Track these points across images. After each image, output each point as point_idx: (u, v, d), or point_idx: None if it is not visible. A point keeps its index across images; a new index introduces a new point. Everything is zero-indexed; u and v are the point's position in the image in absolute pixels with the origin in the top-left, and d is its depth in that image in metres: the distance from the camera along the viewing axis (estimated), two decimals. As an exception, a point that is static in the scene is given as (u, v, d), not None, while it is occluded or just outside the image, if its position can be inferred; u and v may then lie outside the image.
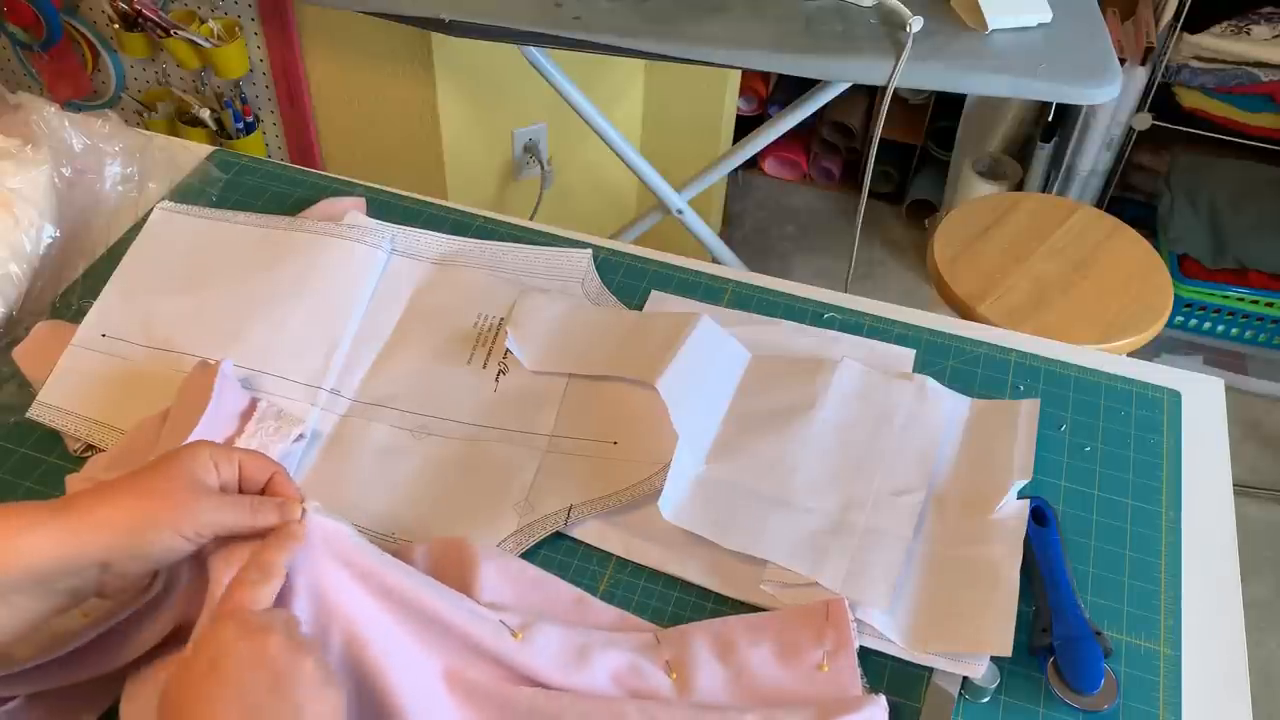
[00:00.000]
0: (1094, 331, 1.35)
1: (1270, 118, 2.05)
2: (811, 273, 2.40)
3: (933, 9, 1.36)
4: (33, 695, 0.63)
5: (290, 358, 0.83)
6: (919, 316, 0.91)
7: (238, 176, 1.03)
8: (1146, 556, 0.74)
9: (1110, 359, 0.88)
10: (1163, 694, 0.66)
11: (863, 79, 1.34)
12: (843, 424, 0.79)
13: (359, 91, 1.87)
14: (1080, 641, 0.66)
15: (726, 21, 1.36)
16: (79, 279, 0.93)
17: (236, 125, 1.91)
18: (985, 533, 0.73)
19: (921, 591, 0.70)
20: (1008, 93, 1.33)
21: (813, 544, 0.71)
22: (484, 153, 1.95)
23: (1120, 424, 0.82)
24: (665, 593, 0.72)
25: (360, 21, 1.69)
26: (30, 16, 1.83)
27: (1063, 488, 0.78)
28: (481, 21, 1.35)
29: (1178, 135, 2.12)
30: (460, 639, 0.62)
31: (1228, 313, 2.11)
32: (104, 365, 0.84)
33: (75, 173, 0.95)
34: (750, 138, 1.77)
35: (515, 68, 1.65)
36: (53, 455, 0.79)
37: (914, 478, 0.76)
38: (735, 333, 0.86)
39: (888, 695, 0.65)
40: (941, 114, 2.41)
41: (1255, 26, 2.00)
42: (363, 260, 0.90)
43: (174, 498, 0.57)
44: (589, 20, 1.34)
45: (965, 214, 1.53)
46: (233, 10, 1.78)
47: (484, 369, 0.85)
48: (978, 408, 0.82)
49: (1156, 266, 1.45)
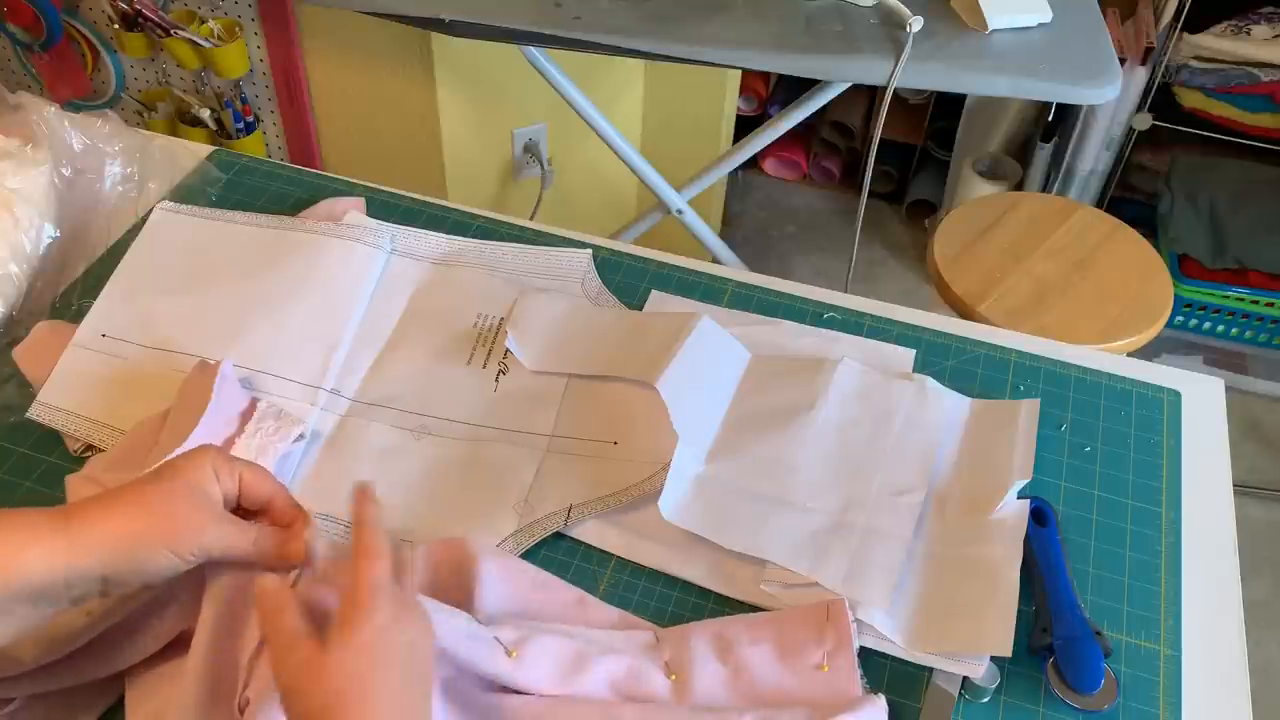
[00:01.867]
0: (1094, 331, 1.35)
1: (1270, 118, 2.05)
2: (811, 273, 2.39)
3: (933, 9, 1.36)
4: (33, 696, 0.63)
5: (290, 358, 0.83)
6: (919, 316, 0.91)
7: (238, 176, 1.03)
8: (1146, 556, 0.74)
9: (1110, 359, 0.88)
10: (1163, 694, 0.66)
11: (863, 79, 1.34)
12: (843, 424, 0.79)
13: (359, 91, 1.87)
14: (1080, 641, 0.66)
15: (726, 21, 1.36)
16: (79, 279, 0.93)
17: (236, 125, 1.91)
18: (985, 533, 0.73)
19: (921, 591, 0.70)
20: (1008, 93, 1.33)
21: (813, 544, 0.71)
22: (484, 153, 1.95)
23: (1120, 424, 0.82)
24: (665, 593, 0.72)
25: (360, 21, 1.69)
26: (30, 16, 1.83)
27: (1063, 488, 0.78)
28: (481, 21, 1.35)
29: (1178, 135, 2.12)
30: (454, 661, 0.62)
31: (1228, 313, 2.11)
32: (104, 365, 0.84)
33: (75, 173, 0.95)
34: (750, 138, 1.77)
35: (515, 68, 1.65)
36: (53, 455, 0.79)
37: (914, 478, 0.76)
38: (735, 333, 0.86)
39: (887, 695, 0.65)
40: (941, 114, 2.41)
41: (1255, 26, 2.00)
42: (363, 260, 0.90)
43: (176, 517, 0.57)
44: (589, 20, 1.34)
45: (965, 214, 1.53)
46: (233, 10, 1.78)
47: (484, 369, 0.85)
48: (978, 408, 0.82)
49: (1156, 266, 1.45)
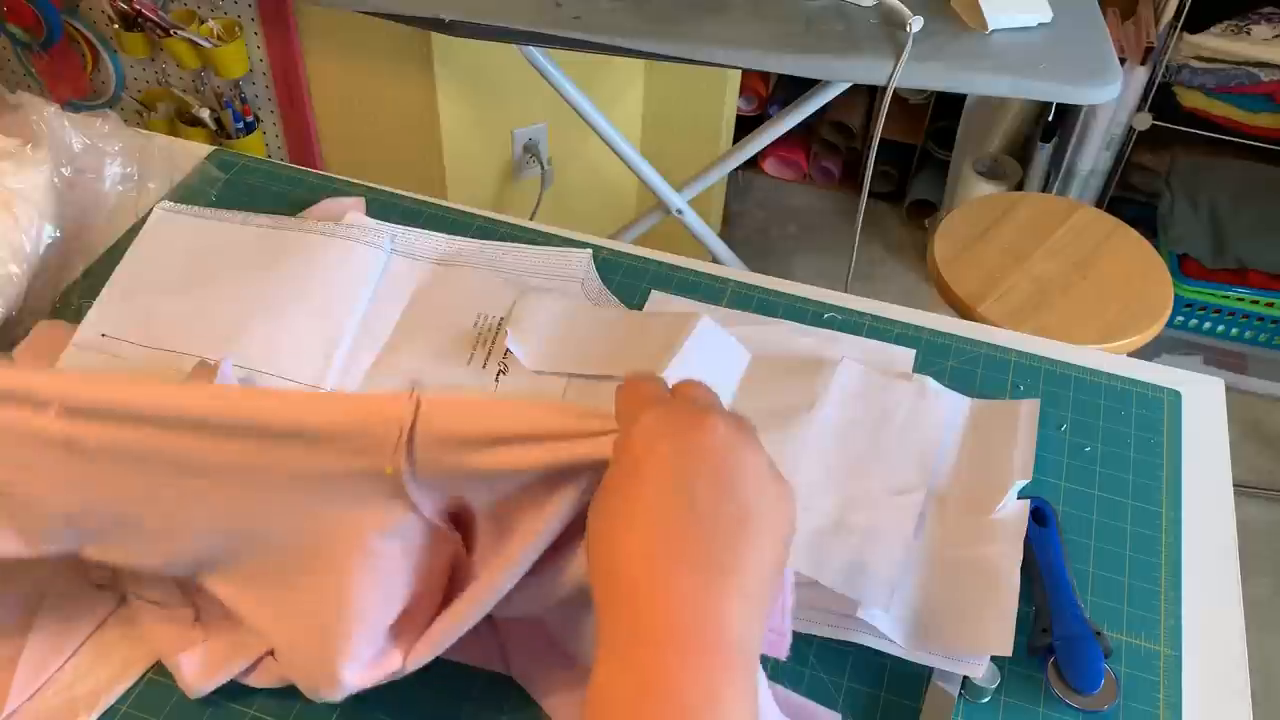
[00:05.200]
0: (1094, 331, 1.35)
1: (1270, 118, 2.05)
2: (811, 273, 2.40)
3: (933, 9, 1.36)
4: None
5: (290, 358, 0.83)
6: (919, 316, 0.91)
7: (238, 176, 1.03)
8: (1146, 556, 0.74)
9: (1110, 359, 0.88)
10: (1163, 694, 0.66)
11: (863, 79, 1.34)
12: (843, 424, 0.79)
13: (359, 91, 1.87)
14: (1080, 641, 0.66)
15: (726, 21, 1.36)
16: (79, 279, 0.93)
17: (236, 125, 1.91)
18: (985, 533, 0.73)
19: (921, 591, 0.70)
20: (1008, 93, 1.33)
21: (812, 543, 0.71)
22: (484, 153, 1.96)
23: (1120, 424, 0.82)
24: (665, 593, 0.72)
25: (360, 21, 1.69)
26: (30, 16, 1.83)
27: (1063, 488, 0.78)
28: (481, 21, 1.35)
29: (1178, 135, 2.12)
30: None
31: (1228, 313, 2.11)
32: (104, 365, 0.84)
33: (75, 173, 0.95)
34: (750, 138, 1.77)
35: (515, 68, 1.65)
36: (53, 455, 0.79)
37: (914, 477, 0.76)
38: (735, 333, 0.86)
39: (887, 695, 0.65)
40: (941, 114, 2.41)
41: (1255, 26, 2.00)
42: (362, 260, 0.90)
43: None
44: (589, 20, 1.34)
45: (965, 214, 1.53)
46: (233, 10, 1.78)
47: (484, 369, 0.85)
48: (978, 408, 0.82)
49: (1157, 266, 1.45)
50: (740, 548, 0.45)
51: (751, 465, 0.47)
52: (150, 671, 0.65)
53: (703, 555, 0.44)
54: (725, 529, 0.45)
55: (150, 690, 0.64)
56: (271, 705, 0.64)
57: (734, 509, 0.45)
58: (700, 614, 0.43)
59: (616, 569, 0.45)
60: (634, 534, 0.45)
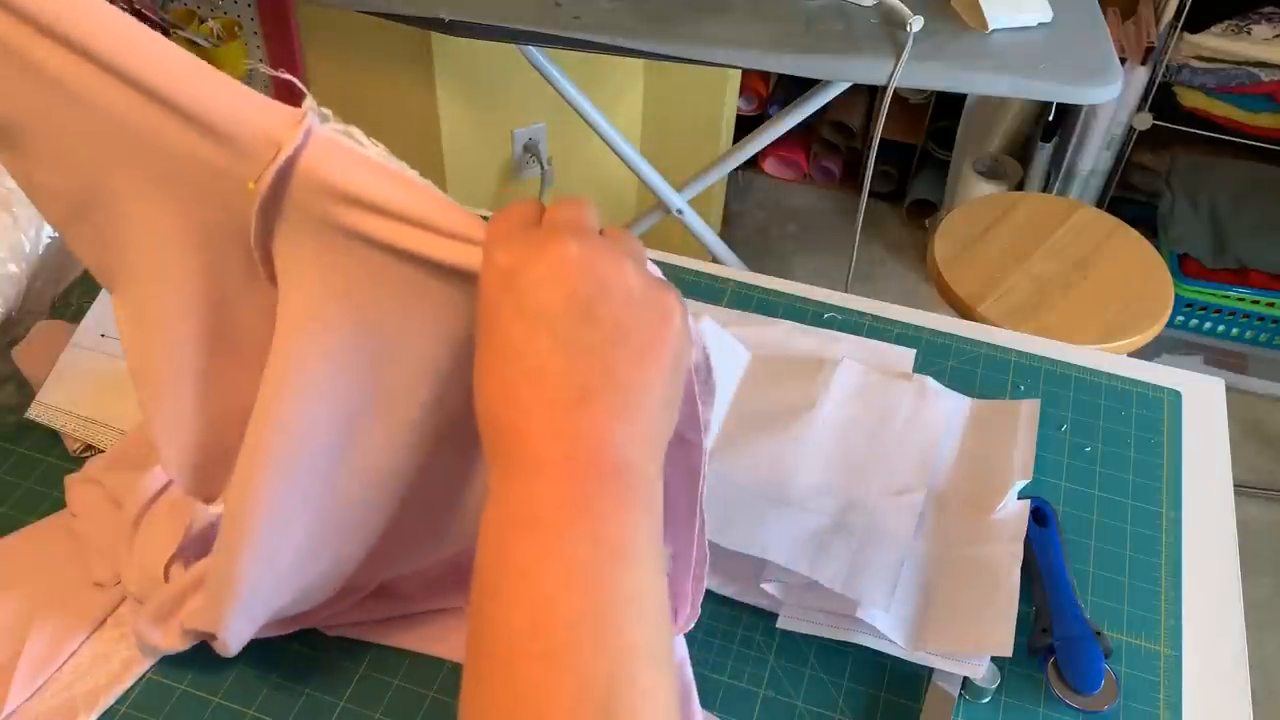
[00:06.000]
0: (1094, 331, 1.35)
1: (1271, 118, 2.05)
2: (811, 273, 2.39)
3: (933, 9, 1.36)
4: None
5: (290, 358, 0.83)
6: (919, 316, 0.91)
7: (237, 176, 1.03)
8: (1146, 556, 0.74)
9: (1110, 359, 0.88)
10: (1163, 694, 0.66)
11: (863, 79, 1.34)
12: (843, 424, 0.79)
13: (359, 91, 1.87)
14: (1080, 641, 0.66)
15: (726, 21, 1.36)
16: (79, 279, 0.93)
17: (236, 125, 1.91)
18: (986, 533, 0.72)
19: (921, 591, 0.70)
20: (1008, 93, 1.33)
21: (813, 543, 0.71)
22: (484, 153, 1.95)
23: (1120, 424, 0.82)
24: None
25: (360, 21, 1.69)
26: (30, 16, 1.83)
27: (1063, 488, 0.78)
28: (481, 21, 1.35)
29: (1178, 135, 2.12)
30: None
31: (1228, 313, 2.11)
32: (104, 365, 0.84)
33: (75, 172, 0.95)
34: (750, 138, 1.77)
35: (515, 68, 1.65)
36: (52, 455, 0.79)
37: (914, 478, 0.76)
38: (735, 333, 0.86)
39: (887, 695, 0.65)
40: (941, 114, 2.41)
41: (1256, 26, 2.00)
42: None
43: None
44: (589, 20, 1.34)
45: (965, 214, 1.53)
46: (233, 10, 1.78)
47: (484, 369, 0.85)
48: (978, 408, 0.82)
49: (1157, 266, 1.45)
50: (612, 369, 0.42)
51: (617, 283, 0.43)
52: (150, 671, 0.65)
53: (565, 384, 0.42)
54: (589, 353, 0.42)
55: (150, 690, 0.64)
56: (272, 705, 0.64)
57: (597, 332, 0.42)
58: (569, 440, 0.41)
59: (488, 417, 0.43)
60: (495, 377, 0.43)
